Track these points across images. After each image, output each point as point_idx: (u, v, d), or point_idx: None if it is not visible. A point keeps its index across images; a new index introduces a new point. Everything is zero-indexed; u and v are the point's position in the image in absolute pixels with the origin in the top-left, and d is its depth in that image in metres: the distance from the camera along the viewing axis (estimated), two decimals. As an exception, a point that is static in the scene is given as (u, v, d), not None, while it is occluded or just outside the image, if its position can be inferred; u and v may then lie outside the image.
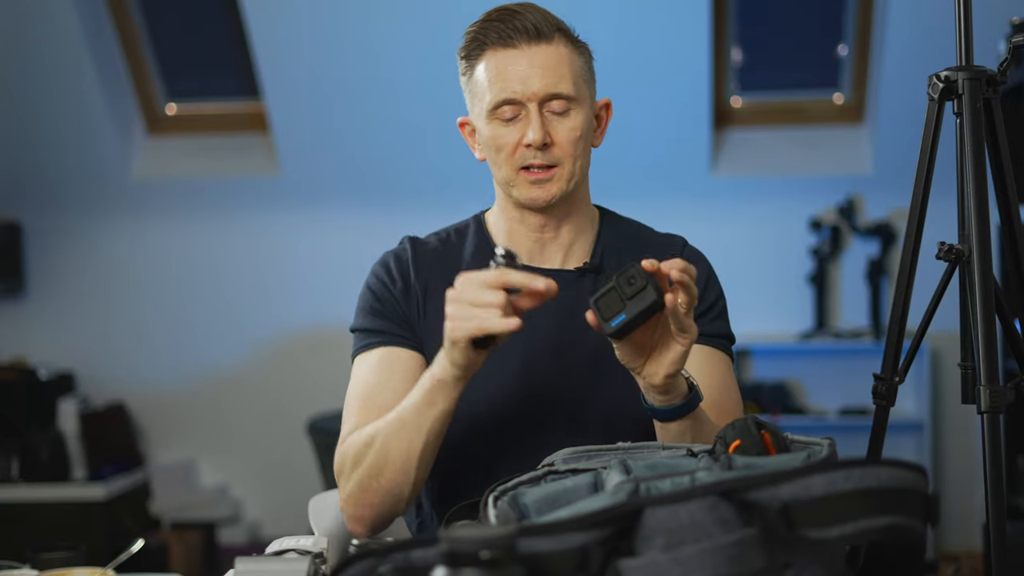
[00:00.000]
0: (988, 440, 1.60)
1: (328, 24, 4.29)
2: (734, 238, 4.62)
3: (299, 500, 2.40)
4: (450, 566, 0.86)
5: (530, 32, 1.61)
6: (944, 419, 4.60)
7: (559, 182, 1.63)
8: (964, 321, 1.76)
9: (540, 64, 1.60)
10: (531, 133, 1.59)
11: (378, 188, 4.71)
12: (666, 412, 1.49)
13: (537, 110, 1.60)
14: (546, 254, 1.71)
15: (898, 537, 1.02)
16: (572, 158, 1.63)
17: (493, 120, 1.62)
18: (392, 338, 1.67)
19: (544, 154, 1.61)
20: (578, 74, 1.64)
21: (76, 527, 4.27)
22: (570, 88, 1.61)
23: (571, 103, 1.62)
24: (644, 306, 1.38)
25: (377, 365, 1.66)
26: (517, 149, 1.62)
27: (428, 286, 1.70)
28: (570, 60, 1.63)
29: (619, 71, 4.28)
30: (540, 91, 1.60)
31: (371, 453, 1.55)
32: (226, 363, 4.88)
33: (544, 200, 1.64)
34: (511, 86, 1.60)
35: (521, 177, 1.63)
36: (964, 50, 1.72)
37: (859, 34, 4.48)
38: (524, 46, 1.61)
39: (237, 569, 1.37)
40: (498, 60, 1.61)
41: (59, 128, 4.69)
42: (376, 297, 1.71)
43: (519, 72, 1.60)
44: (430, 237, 1.77)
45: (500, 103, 1.61)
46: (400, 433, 1.52)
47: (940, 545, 4.50)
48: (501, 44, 1.61)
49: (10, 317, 4.93)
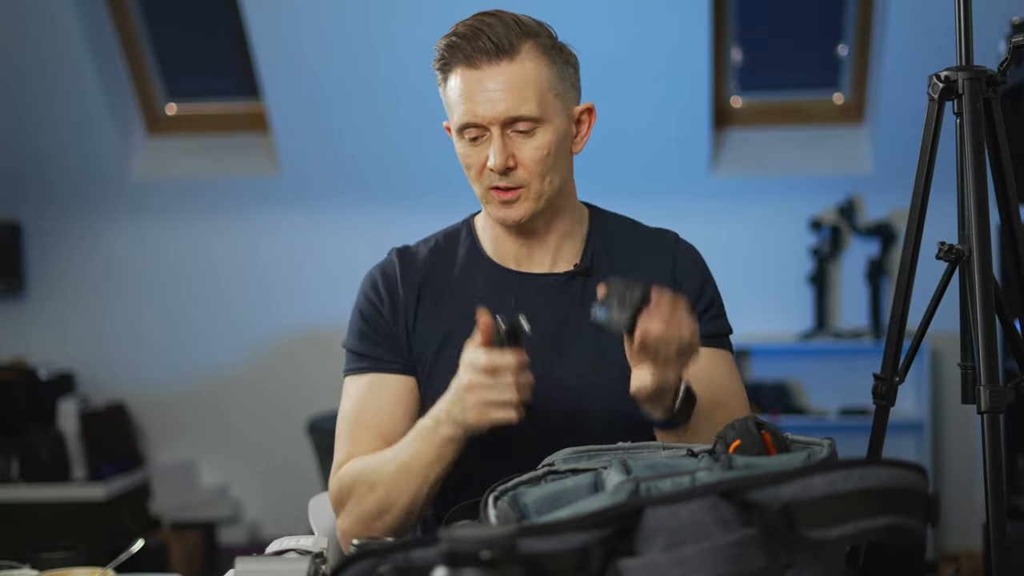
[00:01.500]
0: (988, 440, 1.60)
1: (328, 24, 4.29)
2: (734, 238, 4.62)
3: (299, 500, 2.40)
4: (450, 566, 0.86)
5: (490, 52, 1.57)
6: (944, 419, 4.60)
7: (526, 202, 1.62)
8: (964, 321, 1.76)
9: (502, 85, 1.58)
10: (491, 158, 1.59)
11: (378, 188, 4.70)
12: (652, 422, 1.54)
13: (500, 133, 1.59)
14: (534, 259, 1.71)
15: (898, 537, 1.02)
16: (539, 177, 1.61)
17: (461, 139, 1.63)
18: (381, 363, 1.69)
19: (507, 177, 1.60)
20: (545, 89, 1.60)
21: (76, 527, 4.27)
22: (533, 109, 1.58)
23: (536, 123, 1.59)
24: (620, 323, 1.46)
25: (367, 391, 1.68)
26: (483, 170, 1.62)
27: (420, 294, 1.71)
28: (536, 76, 1.59)
29: (619, 71, 4.28)
30: (501, 114, 1.58)
31: (373, 497, 1.58)
32: (226, 363, 4.88)
33: (513, 220, 1.64)
34: (473, 108, 1.59)
35: (491, 195, 1.64)
36: (964, 50, 1.72)
37: (859, 34, 4.48)
38: (486, 66, 1.58)
39: (237, 569, 1.37)
40: (463, 80, 1.60)
41: (59, 128, 4.69)
42: (364, 320, 1.72)
43: (482, 95, 1.58)
44: (419, 245, 1.78)
45: (463, 126, 1.60)
46: (406, 482, 1.55)
47: (940, 545, 4.50)
48: (465, 63, 1.59)
49: (10, 317, 4.92)
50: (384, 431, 1.61)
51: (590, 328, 1.51)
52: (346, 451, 1.66)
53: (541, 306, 1.68)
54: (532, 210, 1.63)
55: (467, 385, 1.46)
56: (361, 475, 1.59)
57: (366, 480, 1.58)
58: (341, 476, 1.63)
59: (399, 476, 1.55)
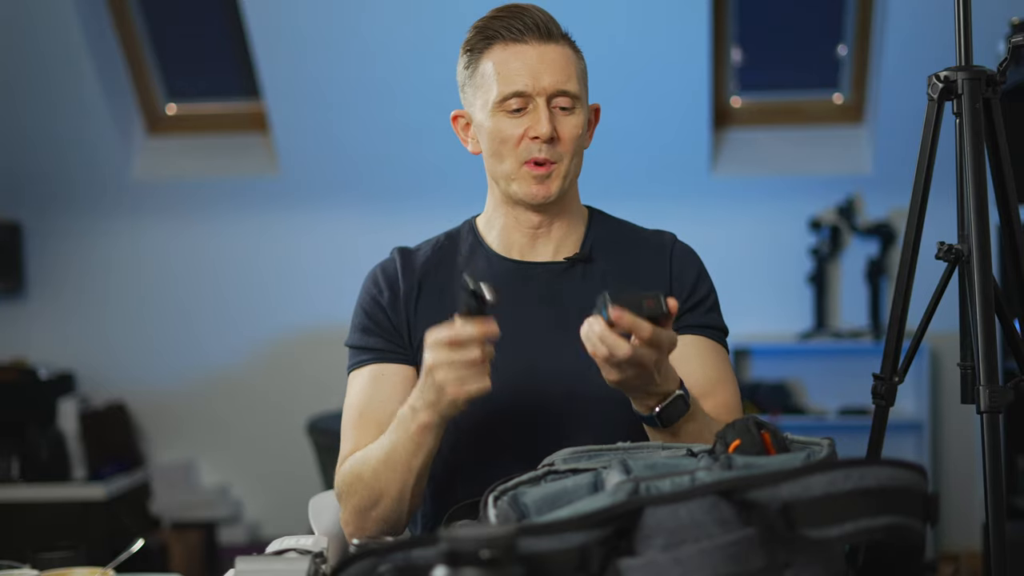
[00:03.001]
0: (988, 440, 1.60)
1: (328, 24, 4.29)
2: (734, 238, 4.62)
3: (299, 500, 2.40)
4: (450, 566, 0.86)
5: (540, 29, 1.65)
6: (944, 419, 4.60)
7: (558, 179, 1.65)
8: (964, 321, 1.76)
9: (550, 61, 1.64)
10: (540, 126, 1.62)
11: (378, 188, 4.70)
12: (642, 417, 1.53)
13: (545, 104, 1.63)
14: (537, 248, 1.73)
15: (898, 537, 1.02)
16: (571, 155, 1.66)
17: (498, 112, 1.64)
18: (382, 354, 1.70)
19: (549, 148, 1.64)
20: (580, 76, 1.67)
21: (76, 527, 4.27)
22: (576, 87, 1.65)
23: (575, 102, 1.65)
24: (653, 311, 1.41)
25: (369, 382, 1.69)
26: (522, 141, 1.64)
27: (421, 285, 1.72)
28: (575, 62, 1.67)
29: (619, 71, 4.28)
30: (550, 86, 1.63)
31: (362, 487, 1.59)
32: (226, 363, 4.88)
33: (543, 196, 1.66)
34: (521, 79, 1.63)
35: (524, 171, 1.65)
36: (964, 50, 1.72)
37: (859, 34, 4.48)
38: (534, 42, 1.64)
39: (237, 569, 1.37)
40: (508, 54, 1.64)
41: (59, 128, 4.69)
42: (366, 314, 1.73)
43: (529, 66, 1.63)
44: (421, 245, 1.79)
45: (509, 95, 1.63)
46: (391, 472, 1.56)
47: (940, 545, 4.50)
48: (512, 39, 1.64)
49: (10, 317, 4.92)
50: (387, 422, 1.61)
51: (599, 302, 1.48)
52: (351, 444, 1.67)
53: (539, 293, 1.69)
54: (560, 188, 1.66)
55: (433, 363, 1.45)
56: (354, 468, 1.61)
57: (358, 472, 1.60)
58: (342, 469, 1.65)
59: (384, 467, 1.56)
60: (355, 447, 1.66)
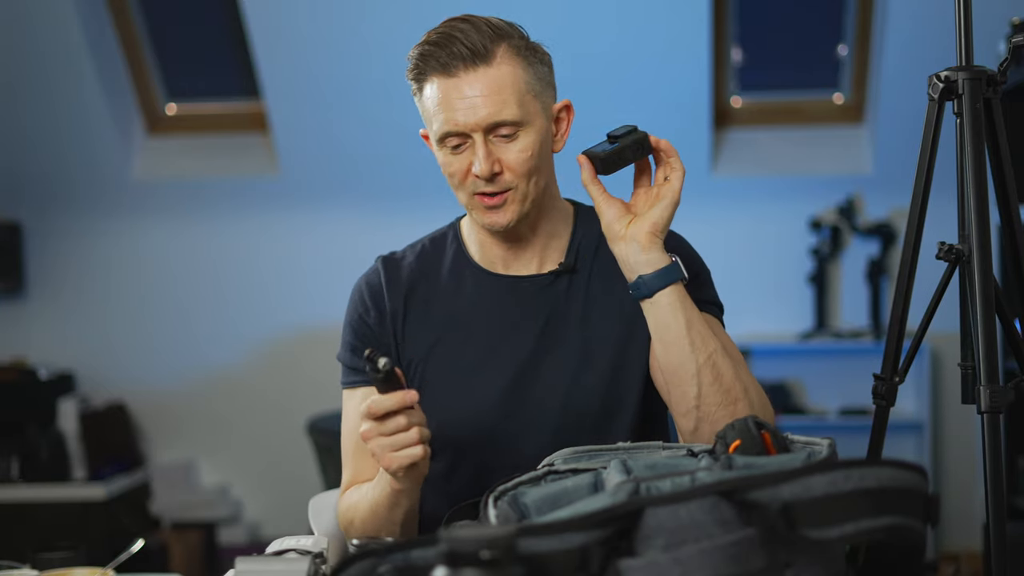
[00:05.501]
0: (988, 440, 1.60)
1: (328, 24, 4.29)
2: (734, 238, 4.62)
3: (299, 500, 2.40)
4: (450, 566, 0.86)
5: (466, 57, 1.56)
6: (944, 419, 4.60)
7: (513, 205, 1.61)
8: (964, 321, 1.75)
9: (481, 91, 1.56)
10: (476, 165, 1.57)
11: (378, 188, 4.70)
12: (654, 278, 1.54)
13: (483, 139, 1.57)
14: (521, 261, 1.71)
15: (898, 537, 1.02)
16: (525, 179, 1.60)
17: (442, 148, 1.61)
18: None
19: (493, 183, 1.59)
20: (524, 92, 1.58)
21: (76, 527, 4.26)
22: (515, 112, 1.57)
23: (518, 126, 1.58)
24: (635, 138, 1.55)
25: (362, 406, 1.68)
26: (467, 177, 1.60)
27: (407, 301, 1.72)
28: (513, 80, 1.58)
29: (619, 71, 4.28)
30: (484, 120, 1.56)
31: (355, 533, 1.64)
32: (226, 363, 4.88)
33: (501, 225, 1.62)
34: (454, 117, 1.57)
35: (476, 202, 1.62)
36: (964, 50, 1.71)
37: (859, 34, 4.48)
38: (463, 73, 1.56)
39: (237, 569, 1.37)
40: (440, 88, 1.58)
41: (59, 128, 4.69)
42: (354, 332, 1.73)
43: (460, 102, 1.56)
44: (405, 251, 1.78)
45: (444, 135, 1.59)
46: (378, 523, 1.60)
47: (940, 545, 4.50)
48: (441, 71, 1.57)
49: (10, 317, 4.92)
50: None
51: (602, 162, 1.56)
52: (350, 474, 1.71)
53: (529, 306, 1.68)
54: (519, 213, 1.62)
55: (364, 434, 1.47)
56: (348, 513, 1.67)
57: (350, 518, 1.66)
58: (342, 505, 1.70)
59: (371, 517, 1.61)
60: (354, 477, 1.70)
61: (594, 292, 1.69)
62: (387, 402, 1.44)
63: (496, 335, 1.68)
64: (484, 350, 1.67)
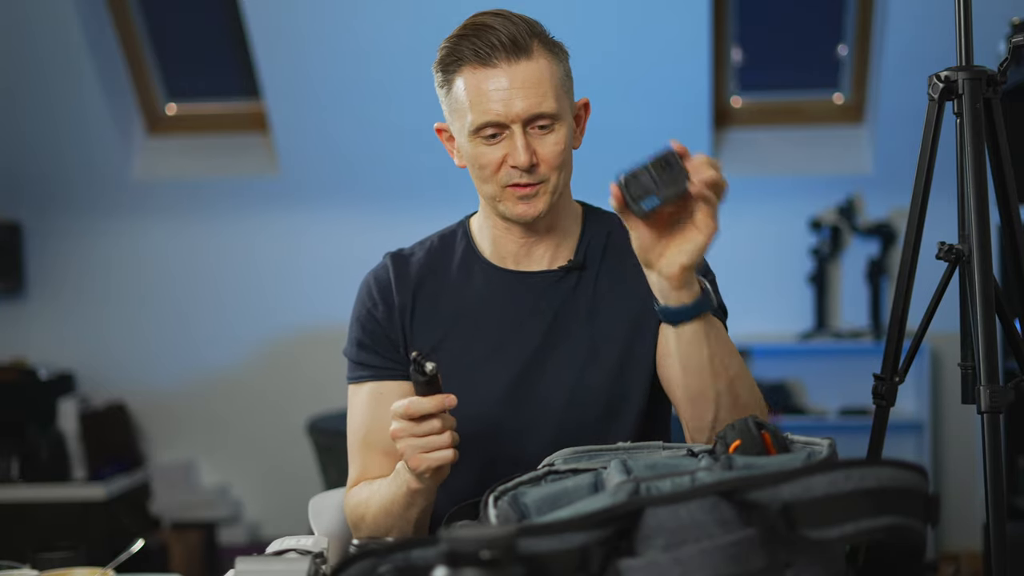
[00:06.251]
0: (988, 440, 1.60)
1: (328, 24, 4.28)
2: (734, 238, 4.60)
3: (299, 500, 2.40)
4: (450, 566, 0.86)
5: (507, 48, 1.56)
6: (944, 419, 4.60)
7: (545, 196, 1.62)
8: (964, 321, 1.75)
9: (521, 83, 1.56)
10: (518, 156, 1.57)
11: (377, 188, 4.70)
12: (680, 311, 1.46)
13: (521, 131, 1.57)
14: (532, 257, 1.71)
15: (899, 537, 1.02)
16: (557, 172, 1.61)
17: (475, 139, 1.60)
18: (380, 371, 1.71)
19: (530, 174, 1.59)
20: (558, 86, 1.59)
21: (76, 527, 4.26)
22: (552, 105, 1.58)
23: (554, 120, 1.59)
24: (677, 190, 1.38)
25: (369, 403, 1.70)
26: (502, 167, 1.60)
27: (416, 296, 1.72)
28: (550, 73, 1.59)
29: (619, 71, 4.28)
30: (523, 112, 1.56)
31: (366, 528, 1.64)
32: (226, 363, 4.88)
33: (532, 216, 1.63)
34: (493, 108, 1.56)
35: (507, 193, 1.62)
36: (964, 50, 1.71)
37: (859, 34, 4.48)
38: (503, 64, 1.56)
39: (237, 569, 1.36)
40: (477, 79, 1.57)
41: (59, 128, 4.69)
42: (362, 327, 1.73)
43: (500, 93, 1.56)
44: (414, 248, 1.77)
45: (482, 125, 1.58)
46: (391, 520, 1.61)
47: (940, 545, 4.50)
48: (479, 62, 1.57)
49: (10, 317, 4.92)
50: (390, 447, 1.61)
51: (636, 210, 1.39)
52: (358, 469, 1.70)
53: (538, 303, 1.68)
54: (548, 205, 1.62)
55: (395, 433, 1.48)
56: (359, 508, 1.66)
57: (361, 514, 1.65)
58: (350, 500, 1.69)
59: (382, 515, 1.61)
60: (362, 473, 1.69)
61: (602, 291, 1.69)
62: (427, 404, 1.45)
63: (504, 330, 1.68)
64: (491, 345, 1.67)
